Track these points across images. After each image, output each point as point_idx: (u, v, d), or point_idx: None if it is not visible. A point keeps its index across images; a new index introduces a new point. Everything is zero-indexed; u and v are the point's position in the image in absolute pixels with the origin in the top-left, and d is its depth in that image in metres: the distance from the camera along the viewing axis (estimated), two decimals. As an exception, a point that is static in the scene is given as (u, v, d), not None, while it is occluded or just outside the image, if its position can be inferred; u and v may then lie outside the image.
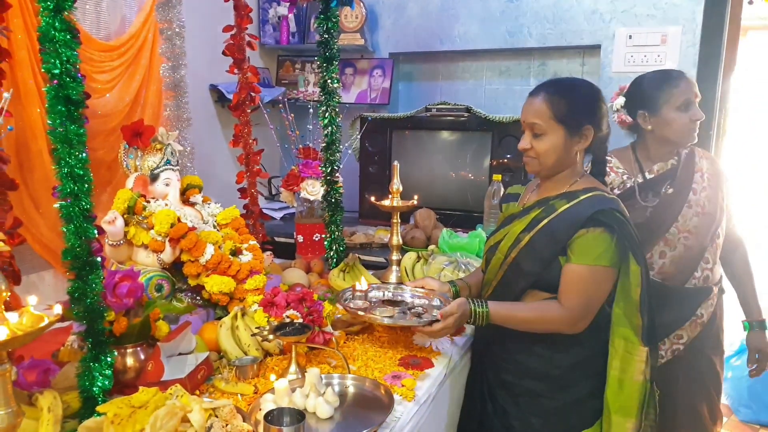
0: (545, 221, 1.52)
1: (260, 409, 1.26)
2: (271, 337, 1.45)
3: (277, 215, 3.07)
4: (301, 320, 1.57)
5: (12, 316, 0.95)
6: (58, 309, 0.97)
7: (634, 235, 1.48)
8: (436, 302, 1.69)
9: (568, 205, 1.51)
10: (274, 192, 3.19)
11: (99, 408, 1.14)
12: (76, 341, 1.52)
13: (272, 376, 1.37)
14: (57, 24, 1.15)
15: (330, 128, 1.95)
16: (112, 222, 1.60)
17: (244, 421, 1.18)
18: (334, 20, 1.85)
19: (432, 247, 2.33)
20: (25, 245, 1.94)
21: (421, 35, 3.08)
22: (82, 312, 1.23)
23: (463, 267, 2.09)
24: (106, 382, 1.25)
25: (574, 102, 1.51)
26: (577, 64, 2.98)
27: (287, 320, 1.56)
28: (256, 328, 1.52)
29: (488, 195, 2.61)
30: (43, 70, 1.16)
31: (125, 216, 1.65)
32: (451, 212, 2.78)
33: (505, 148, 2.72)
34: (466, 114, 2.77)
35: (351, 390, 1.40)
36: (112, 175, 2.22)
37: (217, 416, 1.19)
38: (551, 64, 3.02)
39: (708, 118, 2.69)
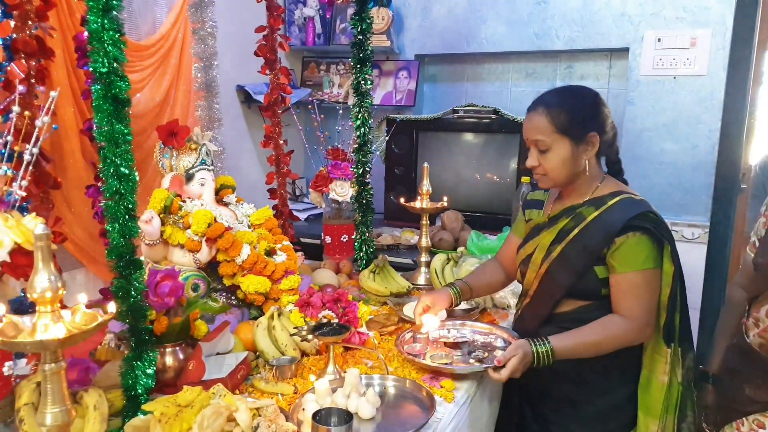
0: (575, 232, 1.50)
1: (303, 409, 1.25)
2: (310, 337, 1.45)
3: (302, 216, 3.08)
4: (337, 320, 1.58)
5: (65, 315, 0.95)
6: (112, 307, 0.97)
7: (669, 232, 1.47)
8: (499, 343, 1.61)
9: (597, 213, 1.49)
10: (299, 193, 3.19)
11: (145, 406, 1.14)
12: (113, 340, 1.53)
13: (312, 377, 1.37)
14: (106, 23, 1.16)
15: (362, 129, 1.95)
16: (148, 221, 1.60)
17: (287, 420, 1.18)
18: (368, 21, 1.85)
19: (461, 249, 2.31)
20: (59, 246, 1.96)
21: (447, 37, 3.07)
22: (125, 311, 1.24)
23: (494, 269, 2.07)
24: (150, 381, 1.25)
25: (574, 111, 1.47)
26: (605, 66, 2.95)
27: (323, 320, 1.56)
28: (294, 328, 1.51)
29: (516, 197, 2.60)
30: (90, 69, 1.16)
31: (161, 215, 1.65)
32: (477, 214, 2.77)
33: (533, 150, 2.69)
34: (493, 116, 2.76)
35: (391, 391, 1.39)
36: (142, 174, 2.21)
37: (261, 416, 1.19)
38: (578, 67, 3.00)
39: (738, 122, 2.67)
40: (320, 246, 2.41)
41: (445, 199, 2.21)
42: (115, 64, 1.18)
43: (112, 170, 1.19)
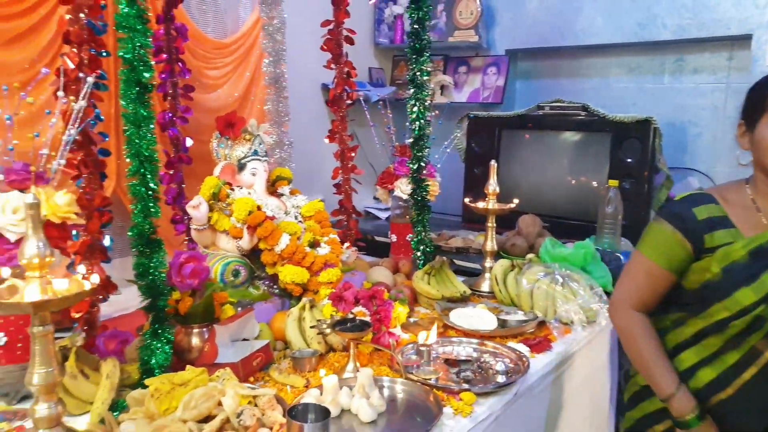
0: None
1: (302, 403, 1.22)
2: (328, 331, 1.41)
3: (383, 215, 3.06)
4: (368, 318, 1.53)
5: (62, 283, 1.00)
6: (95, 279, 1.00)
7: None
8: (500, 366, 1.50)
9: None
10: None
11: (146, 381, 1.17)
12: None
13: (322, 371, 1.33)
14: (133, 12, 1.21)
15: (418, 122, 1.88)
16: (196, 207, 1.66)
17: (284, 413, 1.15)
18: (425, 9, 1.79)
19: (531, 255, 2.15)
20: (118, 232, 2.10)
21: (540, 30, 2.91)
22: (145, 288, 1.29)
23: (560, 280, 1.90)
24: (163, 358, 1.29)
25: None
26: (723, 58, 2.63)
27: (351, 316, 1.52)
28: (317, 320, 1.49)
29: (602, 203, 2.38)
30: (118, 55, 1.22)
31: (210, 202, 1.71)
32: (560, 220, 2.57)
33: (626, 152, 2.46)
34: (582, 113, 2.55)
35: (400, 395, 1.32)
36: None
37: (256, 404, 1.18)
38: (690, 60, 2.70)
39: None
40: (389, 245, 2.37)
41: (515, 200, 2.08)
42: (141, 51, 1.23)
43: (134, 151, 1.25)
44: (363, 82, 3.07)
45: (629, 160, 2.46)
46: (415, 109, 1.88)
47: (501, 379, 1.44)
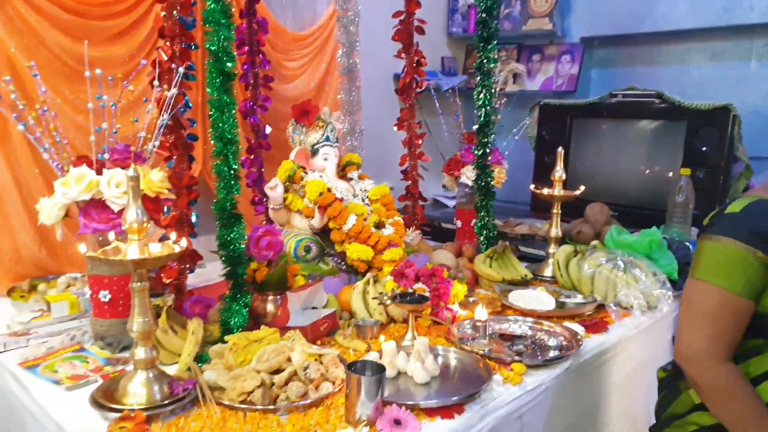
0: None
1: (362, 364, 1.34)
2: (388, 302, 1.52)
3: (450, 203, 3.13)
4: (427, 294, 1.62)
5: (156, 246, 1.17)
6: (183, 242, 1.16)
7: None
8: (552, 342, 1.56)
9: None
10: (452, 179, 3.24)
11: (226, 337, 1.32)
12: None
13: (382, 337, 1.44)
14: (218, 7, 1.36)
15: (484, 109, 1.94)
16: (273, 188, 1.82)
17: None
18: (493, -2, 1.85)
19: (595, 242, 2.17)
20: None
21: (618, 17, 2.86)
22: (226, 257, 1.44)
23: (623, 266, 1.91)
24: (241, 319, 1.44)
25: None
26: (816, 42, 2.50)
27: (411, 291, 1.62)
28: (379, 293, 1.60)
29: (673, 192, 2.34)
30: (205, 47, 1.38)
31: (285, 184, 1.85)
32: (630, 209, 2.54)
33: (702, 140, 2.40)
34: (657, 100, 2.51)
35: (453, 363, 1.41)
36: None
37: (321, 362, 1.30)
38: (781, 44, 2.58)
39: None
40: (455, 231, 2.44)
41: (581, 187, 2.09)
42: (224, 43, 1.37)
43: (218, 134, 1.40)
44: (435, 71, 3.14)
45: (705, 148, 2.39)
46: (482, 96, 1.94)
47: (553, 353, 1.50)
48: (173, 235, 1.21)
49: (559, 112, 2.73)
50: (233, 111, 1.39)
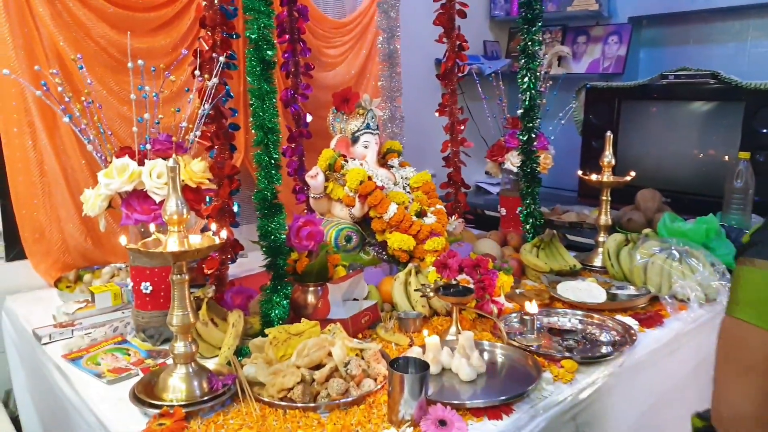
0: None
1: (404, 358, 1.30)
2: (431, 294, 1.48)
3: (494, 190, 3.06)
4: (471, 285, 1.57)
5: (196, 237, 1.15)
6: (224, 234, 1.14)
7: None
8: (604, 337, 1.50)
9: None
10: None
11: (266, 330, 1.31)
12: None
13: (425, 332, 1.40)
14: (258, -6, 1.33)
15: (529, 93, 1.87)
16: (314, 177, 1.79)
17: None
18: (537, -22, 1.77)
19: (647, 230, 2.07)
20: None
21: (669, -6, 2.72)
22: (267, 248, 1.43)
23: (678, 256, 1.82)
24: (282, 311, 1.42)
25: None
26: None
27: (455, 283, 1.57)
28: (422, 284, 1.56)
29: (731, 176, 2.22)
30: (245, 35, 1.35)
31: (326, 172, 1.82)
32: (684, 195, 2.43)
33: (761, 121, 2.26)
34: (711, 81, 2.38)
35: (500, 359, 1.36)
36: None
37: (363, 357, 1.27)
38: None
39: None
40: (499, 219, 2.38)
41: (631, 173, 2.01)
42: (264, 31, 1.34)
43: (259, 123, 1.37)
44: (477, 55, 3.06)
45: (765, 130, 2.26)
46: (526, 79, 1.87)
47: (605, 349, 1.43)
48: (213, 226, 1.19)
49: (607, 94, 2.62)
50: (274, 100, 1.37)
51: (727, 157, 2.38)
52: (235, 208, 1.58)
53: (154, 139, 1.42)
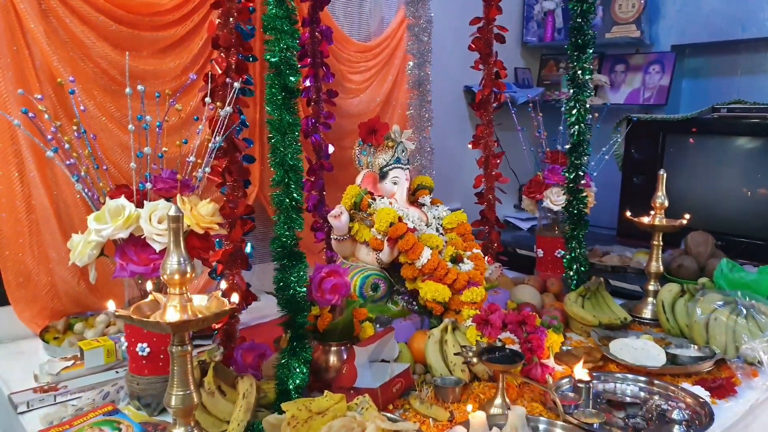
0: None
1: (447, 443, 1.09)
2: (475, 360, 1.27)
3: (524, 225, 2.85)
4: (517, 346, 1.36)
5: (200, 299, 0.96)
6: (234, 298, 0.94)
7: None
8: (677, 415, 1.28)
9: None
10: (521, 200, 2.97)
11: (282, 405, 1.10)
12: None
13: (469, 407, 1.19)
14: (281, 12, 1.15)
15: (577, 127, 1.68)
16: (337, 217, 1.60)
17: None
18: (590, 2, 1.58)
19: (704, 279, 1.86)
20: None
21: (715, 22, 2.54)
22: (284, 303, 1.22)
23: (744, 311, 1.61)
24: (301, 379, 1.21)
25: None
26: None
27: (499, 344, 1.36)
28: (462, 346, 1.35)
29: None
30: (265, 59, 1.17)
31: (351, 212, 1.63)
32: (738, 239, 2.22)
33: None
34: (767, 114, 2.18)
35: (560, 442, 1.14)
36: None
37: (398, 440, 1.06)
38: None
39: None
40: (534, 260, 2.18)
41: (686, 216, 1.81)
42: (287, 53, 1.16)
43: (278, 160, 1.18)
44: (508, 83, 2.89)
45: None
46: (575, 111, 1.68)
47: (678, 429, 1.22)
48: (222, 284, 1.00)
49: (651, 128, 2.43)
50: (296, 133, 1.18)
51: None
52: (248, 248, 1.39)
53: (155, 176, 1.23)
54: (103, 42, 1.66)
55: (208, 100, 1.27)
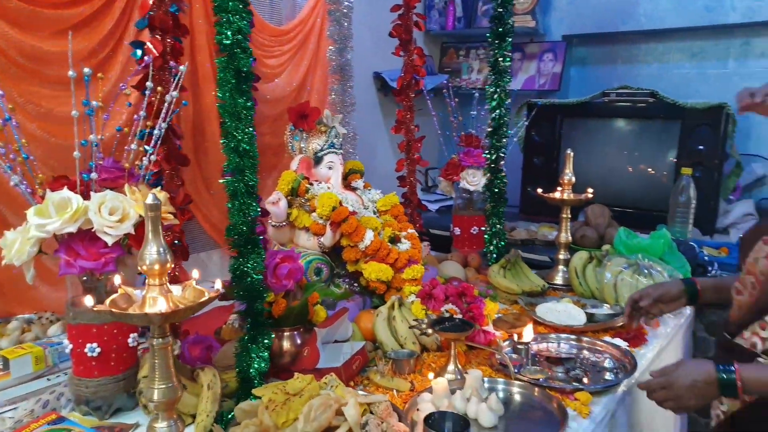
0: None
1: (417, 409, 1.15)
2: (429, 331, 1.34)
3: (433, 207, 2.97)
4: (460, 316, 1.45)
5: (176, 289, 0.93)
6: (218, 285, 0.93)
7: None
8: (608, 363, 1.44)
9: None
10: (431, 183, 3.09)
11: (255, 391, 1.10)
12: (237, 320, 1.53)
13: (430, 375, 1.26)
14: (231, -7, 1.13)
15: (498, 111, 1.79)
16: (276, 203, 1.59)
17: (399, 420, 1.08)
18: (510, -8, 1.69)
19: (606, 246, 2.07)
20: (197, 225, 2.03)
21: (600, 15, 2.79)
22: (242, 291, 1.21)
23: (645, 271, 1.82)
24: (263, 365, 1.21)
25: None
26: (793, 41, 2.51)
27: (446, 314, 1.44)
28: (414, 320, 1.41)
29: (675, 191, 2.29)
30: (216, 41, 1.14)
31: (289, 198, 1.63)
32: (628, 210, 2.47)
33: (696, 139, 2.35)
34: (650, 99, 2.45)
35: (517, 398, 1.25)
36: (278, 160, 2.25)
37: (372, 412, 1.10)
38: (757, 43, 2.57)
39: None
40: (450, 238, 2.29)
41: (590, 190, 1.99)
42: (239, 36, 1.14)
43: (233, 145, 1.16)
44: (413, 70, 2.98)
45: (700, 147, 2.35)
46: (496, 96, 1.79)
47: (610, 376, 1.38)
48: (196, 273, 0.97)
49: (549, 112, 2.62)
50: (251, 117, 1.17)
51: (665, 173, 2.45)
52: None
53: (98, 165, 1.16)
54: (1, 20, 1.51)
55: (149, 84, 1.22)
